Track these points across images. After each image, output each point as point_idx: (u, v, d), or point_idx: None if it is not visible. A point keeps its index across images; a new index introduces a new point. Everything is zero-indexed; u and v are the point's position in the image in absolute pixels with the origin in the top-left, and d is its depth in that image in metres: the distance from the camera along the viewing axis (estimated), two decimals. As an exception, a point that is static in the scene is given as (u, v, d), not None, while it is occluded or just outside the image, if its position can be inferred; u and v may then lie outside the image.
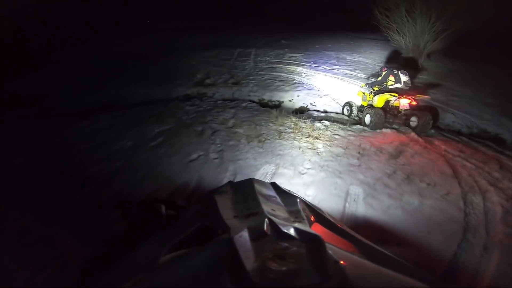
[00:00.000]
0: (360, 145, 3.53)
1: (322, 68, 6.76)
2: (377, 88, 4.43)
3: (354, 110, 4.56)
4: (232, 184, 1.09)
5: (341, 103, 5.07)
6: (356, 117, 4.54)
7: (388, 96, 4.14)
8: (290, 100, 5.61)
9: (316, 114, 4.81)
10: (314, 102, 5.41)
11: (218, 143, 3.49)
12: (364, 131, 3.98)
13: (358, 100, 4.76)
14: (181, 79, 6.56)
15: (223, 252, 0.50)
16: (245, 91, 5.96)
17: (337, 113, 4.94)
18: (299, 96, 5.61)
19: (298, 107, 5.36)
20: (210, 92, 5.96)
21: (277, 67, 7.23)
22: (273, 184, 1.11)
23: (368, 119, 4.11)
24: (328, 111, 5.07)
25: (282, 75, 6.64)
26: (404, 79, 4.04)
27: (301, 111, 5.06)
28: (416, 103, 4.07)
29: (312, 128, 3.93)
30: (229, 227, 0.66)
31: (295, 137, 3.66)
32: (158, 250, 0.65)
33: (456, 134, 4.24)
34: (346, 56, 7.90)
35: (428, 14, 6.76)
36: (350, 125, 4.16)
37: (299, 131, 3.83)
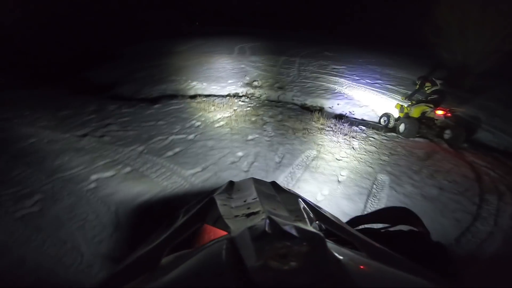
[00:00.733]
0: (392, 147, 4.21)
1: (364, 81, 7.46)
2: (415, 101, 5.04)
3: (392, 121, 5.10)
4: (232, 184, 1.14)
5: (379, 115, 5.74)
6: (392, 127, 5.14)
7: (425, 107, 4.73)
8: (331, 107, 6.38)
9: (354, 120, 5.55)
10: (353, 111, 6.12)
11: (270, 131, 4.42)
12: (397, 138, 4.63)
13: (396, 113, 5.38)
14: (232, 79, 7.71)
15: (224, 252, 0.52)
16: (289, 95, 6.87)
17: (374, 122, 5.62)
18: (339, 104, 6.36)
19: (338, 113, 6.12)
20: (258, 93, 6.97)
21: (320, 77, 8.09)
22: (273, 183, 1.16)
23: (403, 127, 4.67)
24: (366, 120, 5.77)
25: (324, 85, 7.47)
26: (439, 82, 4.69)
27: (340, 117, 5.81)
28: (451, 115, 4.54)
29: (349, 130, 4.69)
30: (230, 227, 0.69)
31: (334, 134, 4.46)
32: (159, 251, 0.69)
33: (490, 150, 4.69)
34: (390, 72, 8.51)
35: (482, 34, 7.18)
36: (385, 132, 4.83)
37: (338, 131, 4.61)
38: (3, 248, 2.30)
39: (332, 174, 3.40)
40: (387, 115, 5.28)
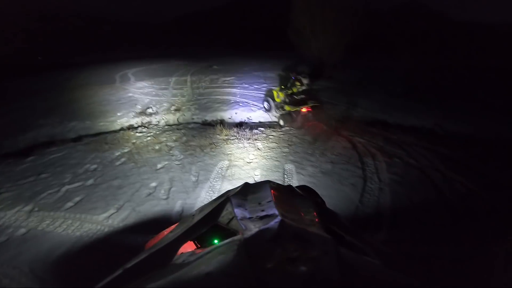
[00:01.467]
0: (289, 139, 5.02)
1: (253, 87, 8.42)
2: (290, 92, 6.21)
3: (272, 105, 6.53)
4: (248, 186, 1.16)
5: (270, 114, 6.68)
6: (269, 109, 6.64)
7: (296, 108, 5.98)
8: (230, 117, 6.93)
9: (253, 124, 6.24)
10: (250, 116, 6.85)
11: (177, 154, 4.49)
12: (291, 131, 5.53)
13: (274, 98, 6.59)
14: (121, 111, 7.28)
15: (236, 253, 0.53)
16: (188, 115, 7.05)
17: (270, 122, 6.47)
18: (237, 113, 6.99)
19: (238, 122, 6.72)
20: (155, 120, 6.84)
21: (214, 91, 8.63)
22: (289, 187, 1.21)
23: (282, 122, 6.01)
24: (262, 121, 6.57)
25: (219, 97, 8.03)
26: (305, 82, 6.07)
27: (241, 124, 6.41)
28: (311, 109, 5.91)
29: (251, 134, 5.29)
30: (243, 228, 0.71)
31: (239, 141, 4.94)
32: (173, 248, 0.72)
33: (357, 123, 6.19)
34: (272, 74, 9.89)
35: (325, 31, 9.29)
36: (281, 128, 5.68)
37: (242, 137, 5.12)
38: None
39: (248, 176, 3.81)
40: (267, 100, 6.69)
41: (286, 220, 0.66)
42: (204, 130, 5.69)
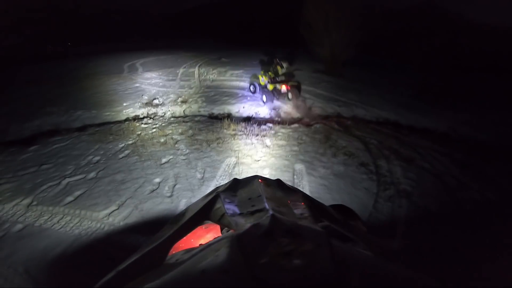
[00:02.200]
0: (298, 137, 4.79)
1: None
2: (271, 74, 6.94)
3: (257, 88, 7.24)
4: (237, 181, 1.15)
5: (281, 111, 6.45)
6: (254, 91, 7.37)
7: (275, 84, 6.81)
8: (238, 112, 6.71)
9: (261, 120, 6.01)
10: (258, 111, 6.62)
11: (183, 148, 4.30)
12: (300, 128, 5.29)
13: (259, 81, 7.21)
14: (127, 101, 7.10)
15: (229, 249, 0.52)
16: (195, 108, 6.85)
17: (279, 117, 6.24)
18: (245, 108, 6.77)
19: (245, 116, 6.49)
20: (161, 112, 6.65)
21: (221, 84, 8.41)
22: (278, 181, 1.20)
23: (265, 98, 6.82)
24: (272, 116, 6.34)
25: (227, 91, 7.80)
26: (285, 65, 6.88)
27: (248, 119, 6.19)
28: (290, 87, 6.76)
29: (259, 130, 5.07)
30: (234, 224, 0.70)
31: (247, 137, 4.73)
32: (165, 248, 0.71)
33: (367, 123, 5.94)
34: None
35: (339, 28, 8.95)
36: (289, 124, 5.45)
37: (249, 133, 4.91)
38: None
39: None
40: (253, 83, 7.38)
41: (277, 215, 0.65)
42: (211, 124, 5.49)
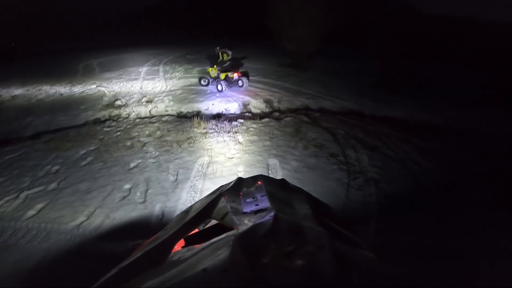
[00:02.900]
0: (270, 132, 4.84)
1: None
2: (220, 60, 7.21)
3: (209, 81, 7.64)
4: (241, 180, 1.16)
5: (251, 106, 6.45)
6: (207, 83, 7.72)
7: (227, 73, 7.23)
8: (207, 109, 6.58)
9: (232, 116, 5.97)
10: (228, 107, 6.55)
11: (152, 151, 4.13)
12: (271, 122, 5.34)
13: (210, 74, 7.56)
14: (85, 104, 6.63)
15: (231, 248, 0.52)
16: (162, 107, 6.59)
17: (249, 113, 6.24)
18: (214, 104, 6.66)
19: (215, 113, 6.39)
20: (124, 113, 6.30)
21: (188, 81, 8.17)
22: (282, 181, 1.21)
23: (220, 87, 7.19)
24: (242, 112, 6.32)
25: (195, 88, 7.61)
26: (229, 53, 7.28)
27: (219, 116, 6.10)
28: (240, 74, 7.37)
29: (231, 126, 5.03)
30: (237, 223, 0.71)
31: (219, 134, 4.67)
32: (168, 245, 0.71)
33: (334, 114, 6.17)
34: (248, 65, 9.58)
35: (305, 20, 9.11)
36: (260, 119, 5.47)
37: (221, 130, 4.85)
38: None
39: (231, 173, 3.59)
40: (205, 78, 7.73)
41: (281, 215, 0.66)
42: (180, 123, 5.32)
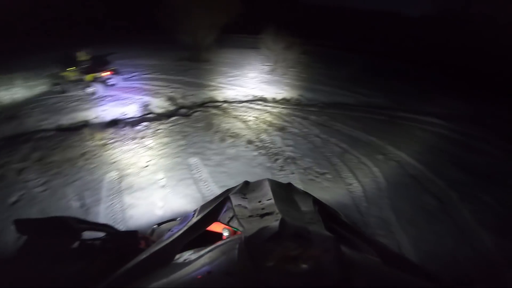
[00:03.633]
0: (181, 130, 4.63)
1: (120, 77, 7.14)
2: (80, 59, 6.69)
3: (69, 85, 6.68)
4: (247, 184, 1.16)
5: (153, 106, 5.93)
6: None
7: (93, 74, 6.59)
8: (97, 117, 5.63)
9: (132, 120, 5.34)
10: (125, 112, 5.80)
11: (35, 178, 3.27)
12: (179, 120, 5.08)
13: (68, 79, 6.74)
14: None
15: (237, 251, 0.53)
16: (31, 122, 5.24)
17: (153, 114, 5.72)
18: (106, 110, 5.77)
19: (110, 120, 5.57)
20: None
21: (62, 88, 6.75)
22: (289, 185, 1.20)
23: (92, 90, 6.50)
24: (144, 114, 5.73)
25: (74, 94, 6.39)
26: (84, 53, 6.80)
27: (116, 123, 5.34)
28: (112, 72, 6.75)
29: (135, 132, 4.52)
30: (243, 226, 0.72)
31: (122, 143, 4.12)
32: (173, 247, 0.73)
33: (240, 102, 6.41)
34: (142, 62, 8.74)
35: (201, 12, 8.86)
36: (168, 118, 5.13)
37: (124, 138, 4.29)
38: None
39: (150, 183, 3.28)
40: (60, 83, 6.78)
41: (287, 219, 0.66)
42: (65, 139, 4.39)
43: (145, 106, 5.93)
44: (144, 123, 4.90)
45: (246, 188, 1.12)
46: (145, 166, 3.60)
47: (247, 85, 7.43)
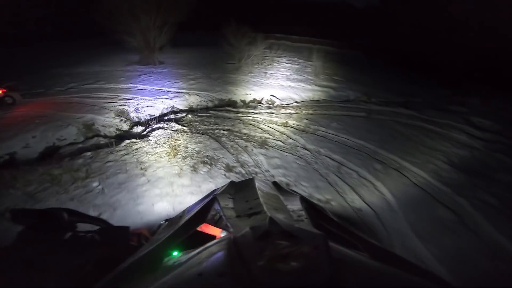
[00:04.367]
0: (138, 161, 3.66)
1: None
2: None
3: None
4: (234, 184, 1.17)
5: (98, 126, 4.79)
6: None
7: None
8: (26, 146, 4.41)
9: (73, 150, 4.21)
10: (62, 136, 4.63)
11: None
12: (134, 144, 4.10)
13: None
14: None
15: (226, 252, 0.52)
16: None
17: (99, 136, 4.61)
18: (35, 137, 4.55)
19: (42, 153, 4.37)
20: None
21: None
22: (275, 184, 1.21)
23: None
24: (87, 138, 4.59)
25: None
26: None
27: (51, 156, 4.18)
28: (5, 90, 5.66)
29: (75, 165, 3.46)
30: (232, 227, 0.72)
31: (61, 188, 3.07)
32: (162, 250, 0.71)
33: (207, 110, 5.55)
34: (81, 69, 7.36)
35: (149, 11, 7.62)
36: (119, 143, 4.12)
37: (55, 182, 3.23)
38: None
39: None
40: None
41: (274, 217, 0.65)
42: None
43: (88, 127, 4.78)
44: (87, 153, 3.83)
45: (233, 188, 1.12)
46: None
47: (212, 88, 6.55)
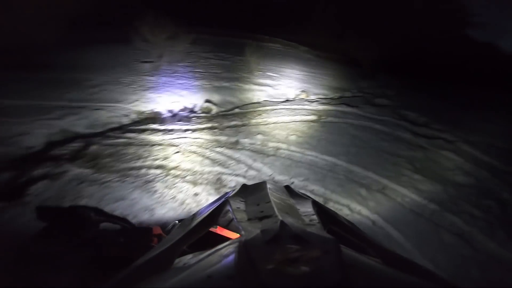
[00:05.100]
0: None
1: None
2: None
3: None
4: (246, 187, 1.19)
5: None
6: None
7: None
8: None
9: None
10: None
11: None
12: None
13: None
14: None
15: (236, 255, 0.51)
16: None
17: None
18: None
19: None
20: None
21: None
22: (287, 187, 1.23)
23: None
24: None
25: None
26: None
27: None
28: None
29: None
30: (242, 230, 0.73)
31: None
32: (172, 252, 0.71)
33: (121, 131, 4.24)
34: None
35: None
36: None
37: None
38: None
39: None
40: None
41: (286, 221, 0.64)
42: None
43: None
44: None
45: (245, 191, 1.12)
46: None
47: (125, 98, 5.13)
